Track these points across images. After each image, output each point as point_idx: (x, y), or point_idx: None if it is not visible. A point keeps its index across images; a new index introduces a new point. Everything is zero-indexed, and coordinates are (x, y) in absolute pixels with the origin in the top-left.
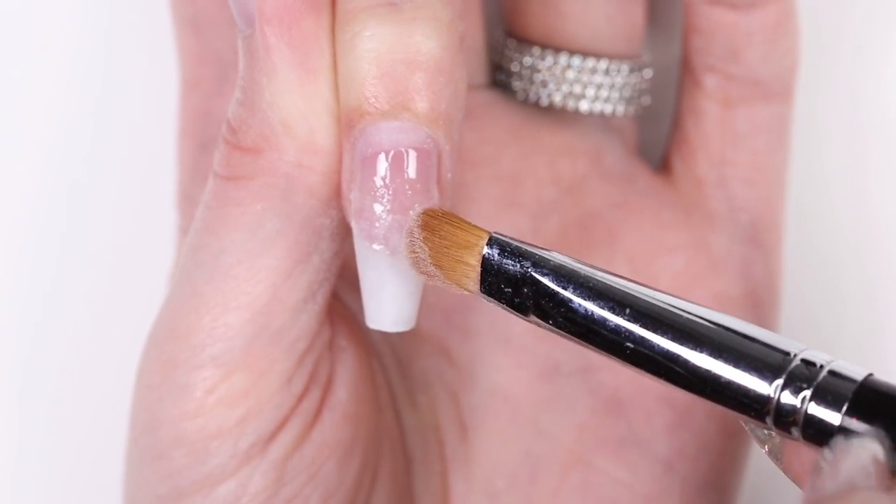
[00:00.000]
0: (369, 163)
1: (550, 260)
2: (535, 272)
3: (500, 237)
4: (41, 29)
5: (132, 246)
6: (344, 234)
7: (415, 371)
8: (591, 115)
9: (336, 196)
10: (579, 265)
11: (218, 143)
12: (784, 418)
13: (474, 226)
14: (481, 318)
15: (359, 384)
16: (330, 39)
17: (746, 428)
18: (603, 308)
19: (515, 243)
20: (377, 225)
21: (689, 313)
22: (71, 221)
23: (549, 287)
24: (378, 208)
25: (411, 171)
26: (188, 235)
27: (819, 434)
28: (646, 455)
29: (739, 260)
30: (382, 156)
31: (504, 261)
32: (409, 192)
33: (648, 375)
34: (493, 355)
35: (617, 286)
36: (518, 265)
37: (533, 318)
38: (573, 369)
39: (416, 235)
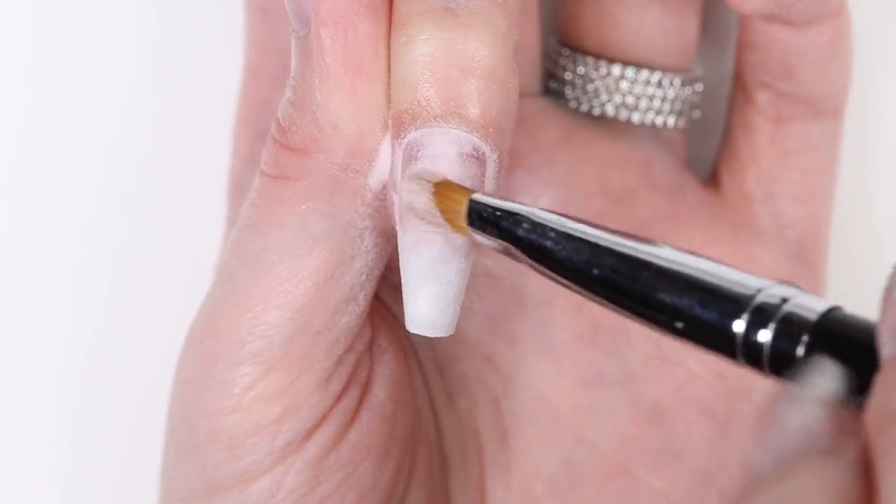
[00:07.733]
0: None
1: (529, 217)
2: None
3: (479, 201)
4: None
5: (179, 235)
6: (388, 237)
7: (455, 374)
8: (642, 126)
9: (382, 199)
10: (558, 221)
11: (266, 141)
12: (752, 355)
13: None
14: (525, 325)
15: (397, 385)
16: (385, 44)
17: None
18: (577, 265)
19: (493, 206)
20: (422, 228)
21: (658, 258)
22: (122, 210)
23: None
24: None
25: (458, 176)
26: (232, 231)
27: (787, 369)
28: (684, 466)
29: (785, 276)
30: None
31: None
32: None
33: (633, 318)
34: (535, 362)
35: (590, 240)
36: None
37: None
38: (615, 378)
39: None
